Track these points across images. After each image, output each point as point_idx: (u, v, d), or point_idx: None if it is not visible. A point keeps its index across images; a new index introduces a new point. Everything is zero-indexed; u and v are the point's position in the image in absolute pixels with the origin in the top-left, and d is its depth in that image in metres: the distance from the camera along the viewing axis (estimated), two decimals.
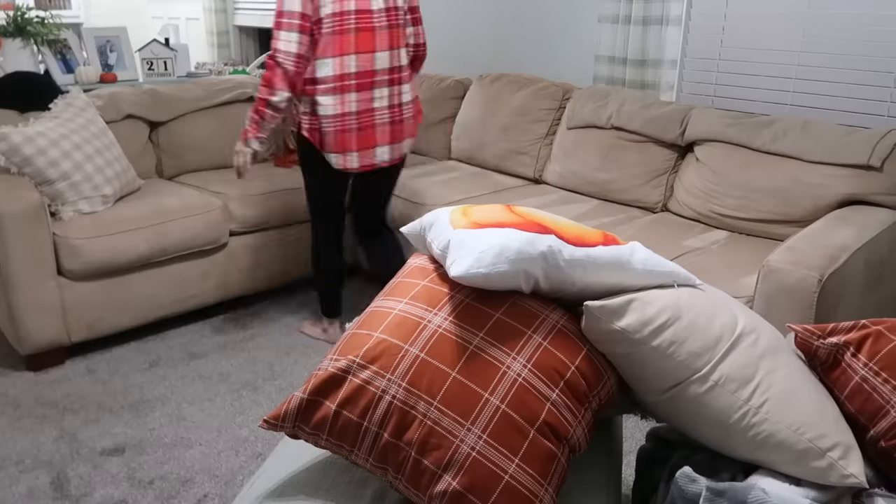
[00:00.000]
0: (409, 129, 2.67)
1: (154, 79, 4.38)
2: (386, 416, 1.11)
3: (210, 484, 2.06)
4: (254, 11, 5.54)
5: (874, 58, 2.65)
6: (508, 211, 1.27)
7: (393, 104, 2.58)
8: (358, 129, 2.49)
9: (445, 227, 1.28)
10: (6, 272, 2.48)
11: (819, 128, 2.55)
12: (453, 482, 1.06)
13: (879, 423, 1.17)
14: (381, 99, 2.54)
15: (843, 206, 2.45)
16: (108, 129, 2.97)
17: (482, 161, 3.56)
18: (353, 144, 2.50)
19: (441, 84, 3.80)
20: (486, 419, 1.08)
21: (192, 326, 3.01)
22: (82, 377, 2.61)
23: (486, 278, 1.13)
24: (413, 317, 1.18)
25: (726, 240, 2.60)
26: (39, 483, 2.05)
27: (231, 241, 3.04)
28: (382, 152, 2.59)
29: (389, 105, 2.57)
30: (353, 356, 1.16)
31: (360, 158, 2.54)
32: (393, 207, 3.18)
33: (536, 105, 3.37)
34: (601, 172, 3.05)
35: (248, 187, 3.15)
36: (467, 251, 1.15)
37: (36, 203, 2.49)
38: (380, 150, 2.58)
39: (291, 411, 1.17)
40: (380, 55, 2.49)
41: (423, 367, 1.12)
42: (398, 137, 2.63)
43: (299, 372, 2.67)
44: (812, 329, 1.32)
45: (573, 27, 3.56)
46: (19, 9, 3.93)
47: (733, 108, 3.08)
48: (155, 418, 2.37)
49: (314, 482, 1.24)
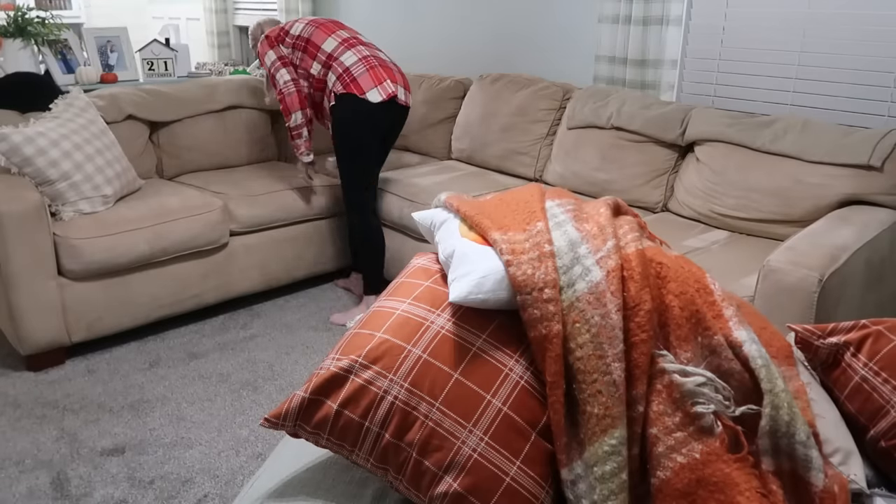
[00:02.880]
0: (409, 87, 3.11)
1: (154, 79, 4.38)
2: (387, 417, 1.11)
3: (210, 484, 2.06)
4: (254, 11, 5.54)
5: (874, 58, 2.65)
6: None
7: (392, 60, 3.09)
8: (379, 65, 2.98)
9: (453, 232, 1.28)
10: (6, 272, 2.48)
11: (819, 128, 2.55)
12: (454, 483, 1.06)
13: (879, 422, 1.18)
14: (382, 53, 3.08)
15: (843, 205, 2.45)
16: (109, 129, 2.97)
17: (482, 161, 3.56)
18: (383, 75, 2.95)
19: (441, 84, 3.80)
20: (488, 421, 1.09)
21: (192, 326, 3.01)
22: (82, 377, 2.61)
23: (484, 304, 1.15)
24: (416, 317, 1.18)
25: (726, 240, 2.60)
26: (39, 483, 2.05)
27: (231, 241, 3.04)
28: (402, 91, 3.01)
29: (391, 60, 3.08)
30: (355, 356, 1.16)
31: (394, 86, 2.97)
32: (393, 207, 3.18)
33: (536, 105, 3.37)
34: (601, 172, 3.05)
35: (248, 187, 3.15)
36: (468, 271, 1.16)
37: (36, 203, 2.49)
38: (399, 88, 3.00)
39: (293, 410, 1.17)
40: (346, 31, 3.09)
41: (426, 367, 1.12)
42: (406, 85, 3.05)
43: (299, 372, 2.67)
44: (812, 329, 1.32)
45: (573, 27, 3.56)
46: (20, 9, 3.93)
47: (733, 108, 3.08)
48: (155, 418, 2.37)
49: (314, 482, 1.24)
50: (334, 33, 3.02)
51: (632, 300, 1.13)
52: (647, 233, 1.40)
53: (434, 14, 4.22)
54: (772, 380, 1.09)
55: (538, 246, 1.18)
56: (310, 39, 3.00)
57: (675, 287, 1.18)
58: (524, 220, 1.26)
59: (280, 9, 5.03)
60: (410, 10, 4.35)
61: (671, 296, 1.17)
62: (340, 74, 2.93)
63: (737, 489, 1.02)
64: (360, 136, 2.97)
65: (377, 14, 4.57)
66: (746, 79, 3.02)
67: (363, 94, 2.89)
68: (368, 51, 3.01)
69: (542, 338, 1.11)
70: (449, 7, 4.12)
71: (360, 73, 2.91)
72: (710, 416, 1.06)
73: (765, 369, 1.10)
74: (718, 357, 1.13)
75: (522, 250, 1.17)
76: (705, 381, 1.09)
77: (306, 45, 3.00)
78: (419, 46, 4.36)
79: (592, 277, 1.14)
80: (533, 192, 1.37)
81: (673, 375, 1.09)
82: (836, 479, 1.08)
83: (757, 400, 1.10)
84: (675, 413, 1.07)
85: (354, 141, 2.98)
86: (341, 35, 3.02)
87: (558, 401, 1.09)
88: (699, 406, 1.07)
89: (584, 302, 1.12)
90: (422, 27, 4.31)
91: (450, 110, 3.76)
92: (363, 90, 2.89)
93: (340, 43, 2.98)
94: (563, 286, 1.14)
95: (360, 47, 3.00)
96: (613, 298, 1.11)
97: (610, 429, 1.06)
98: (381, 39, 4.59)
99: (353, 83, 2.90)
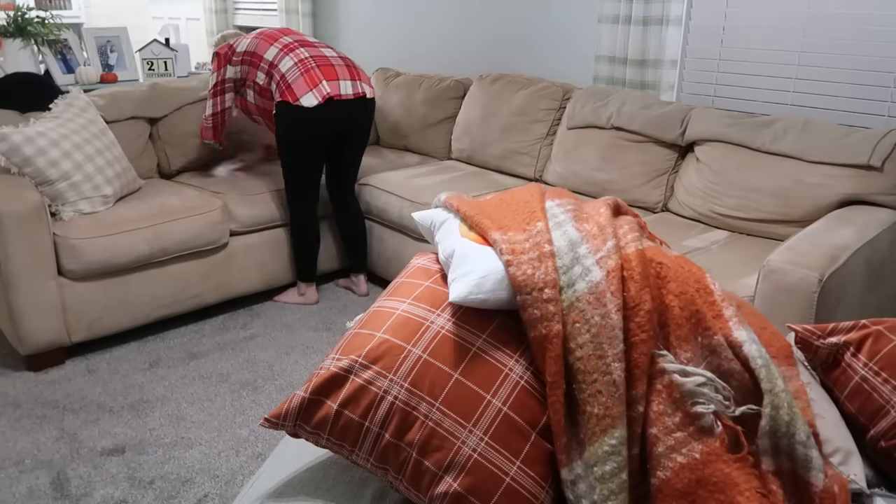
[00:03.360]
0: (364, 76, 3.05)
1: (154, 79, 4.37)
2: (387, 417, 1.11)
3: (210, 484, 2.06)
4: (254, 11, 5.54)
5: (874, 58, 2.65)
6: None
7: (340, 54, 3.06)
8: (318, 66, 2.92)
9: (453, 232, 1.28)
10: (6, 272, 2.48)
11: (819, 128, 2.55)
12: (454, 483, 1.06)
13: (879, 422, 1.18)
14: (328, 49, 3.04)
15: (843, 205, 2.45)
16: (109, 129, 2.97)
17: (482, 161, 3.56)
18: (319, 76, 2.88)
19: (441, 84, 3.80)
20: (488, 421, 1.09)
21: (192, 326, 3.01)
22: (82, 377, 2.61)
23: (484, 304, 1.15)
24: (416, 317, 1.18)
25: (726, 240, 2.60)
26: (39, 483, 2.05)
27: (231, 241, 3.04)
28: (346, 85, 2.93)
29: (338, 55, 3.04)
30: (355, 356, 1.16)
31: (331, 85, 2.89)
32: (393, 207, 3.18)
33: (536, 105, 3.37)
34: (601, 172, 3.05)
35: (248, 187, 3.15)
36: (468, 271, 1.16)
37: (36, 203, 2.49)
38: (342, 83, 2.93)
39: (293, 410, 1.17)
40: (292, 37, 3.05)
41: (426, 367, 1.12)
42: (355, 76, 3.00)
43: (299, 372, 2.67)
44: (812, 329, 1.32)
45: (573, 27, 3.56)
46: (20, 9, 3.93)
47: (733, 108, 3.08)
48: (155, 418, 2.37)
49: (314, 482, 1.24)
50: (277, 41, 2.98)
51: (632, 300, 1.13)
52: (647, 233, 1.40)
53: (434, 14, 4.22)
54: (772, 380, 1.09)
55: (538, 246, 1.18)
56: (255, 52, 2.99)
57: (675, 287, 1.18)
58: (524, 220, 1.26)
59: (280, 9, 5.03)
60: (410, 10, 4.35)
61: (671, 296, 1.17)
62: (278, 82, 2.90)
63: (737, 489, 1.02)
64: (296, 143, 2.94)
65: (377, 14, 4.57)
66: (746, 79, 3.02)
67: (297, 100, 2.83)
68: (308, 52, 2.94)
69: (542, 338, 1.11)
70: (449, 7, 4.12)
71: (293, 78, 2.86)
72: (710, 416, 1.07)
73: (765, 369, 1.10)
74: (718, 357, 1.13)
75: (522, 250, 1.17)
76: (705, 381, 1.09)
77: (252, 58, 3.00)
78: (419, 46, 4.36)
79: (592, 277, 1.14)
80: (533, 192, 1.37)
81: (673, 375, 1.09)
82: (836, 479, 1.08)
83: (757, 400, 1.10)
84: (675, 413, 1.07)
85: (292, 149, 2.96)
86: (283, 41, 2.98)
87: (558, 401, 1.09)
88: (699, 406, 1.07)
89: (584, 302, 1.12)
90: (422, 27, 4.31)
91: (450, 110, 3.76)
92: (297, 96, 2.84)
93: (281, 49, 2.94)
94: (563, 286, 1.14)
95: (300, 50, 2.94)
96: (613, 298, 1.11)
97: (610, 429, 1.06)
98: (381, 39, 4.59)
99: (288, 90, 2.85)
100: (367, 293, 3.33)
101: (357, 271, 3.33)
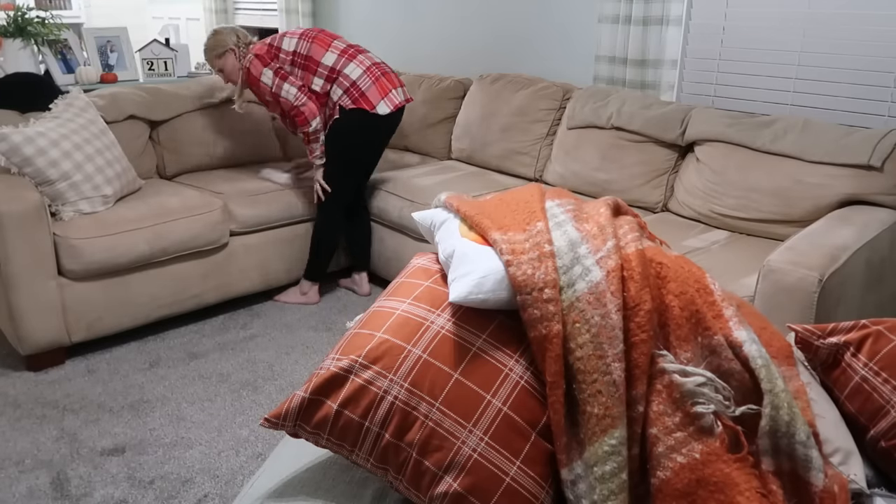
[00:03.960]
0: (403, 83, 3.16)
1: (154, 79, 4.37)
2: (387, 417, 1.11)
3: (210, 484, 2.06)
4: (254, 11, 5.54)
5: (874, 58, 2.65)
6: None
7: (383, 61, 3.14)
8: (382, 74, 3.02)
9: (453, 232, 1.28)
10: (6, 272, 2.48)
11: (819, 128, 2.56)
12: (454, 483, 1.06)
13: (879, 422, 1.18)
14: (373, 55, 3.10)
15: (843, 205, 2.45)
16: (109, 129, 2.97)
17: (482, 161, 3.56)
18: (387, 85, 3.01)
19: (441, 84, 3.80)
20: (488, 421, 1.09)
21: (192, 326, 3.01)
22: (82, 377, 2.61)
23: (484, 304, 1.15)
24: (416, 317, 1.18)
25: (726, 240, 2.60)
26: (39, 483, 2.05)
27: (231, 241, 3.04)
28: (399, 93, 3.06)
29: (382, 61, 3.12)
30: (355, 356, 1.16)
31: (398, 94, 3.03)
32: (393, 207, 3.18)
33: (536, 105, 3.37)
34: (601, 172, 3.05)
35: (248, 187, 3.15)
36: (468, 271, 1.16)
37: (36, 203, 2.49)
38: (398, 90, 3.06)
39: (293, 410, 1.17)
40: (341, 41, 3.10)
41: (426, 368, 1.12)
42: (401, 83, 3.11)
43: (299, 372, 2.67)
44: (812, 329, 1.32)
45: (573, 27, 3.56)
46: (20, 9, 3.93)
47: (733, 108, 3.08)
48: (155, 418, 2.37)
49: (314, 482, 1.24)
50: (331, 46, 3.00)
51: (632, 300, 1.13)
52: (647, 233, 1.40)
53: (434, 14, 4.22)
54: (772, 380, 1.09)
55: (538, 246, 1.18)
56: (308, 56, 2.98)
57: (675, 287, 1.18)
58: (524, 220, 1.26)
59: (280, 9, 5.03)
60: (410, 10, 4.35)
61: (671, 296, 1.17)
62: (348, 88, 2.95)
63: (737, 489, 1.02)
64: (361, 148, 3.04)
65: (377, 14, 4.57)
66: (746, 79, 3.02)
67: (373, 108, 2.94)
68: (369, 60, 3.02)
69: (542, 338, 1.11)
70: (449, 7, 4.12)
71: (367, 86, 2.95)
72: (710, 416, 1.07)
73: (765, 369, 1.10)
74: (718, 357, 1.13)
75: (522, 250, 1.17)
76: (705, 381, 1.09)
77: (305, 61, 2.99)
78: (419, 46, 4.36)
79: (592, 277, 1.14)
80: (533, 192, 1.37)
81: (673, 375, 1.09)
82: (836, 479, 1.08)
83: (757, 400, 1.10)
84: (675, 413, 1.07)
85: (354, 153, 3.04)
86: (338, 46, 3.01)
87: (558, 401, 1.09)
88: (699, 406, 1.07)
89: (584, 302, 1.12)
90: (422, 27, 4.31)
91: (450, 110, 3.76)
92: (373, 104, 2.94)
93: (340, 55, 2.98)
94: (563, 286, 1.14)
95: (361, 57, 3.00)
96: (613, 298, 1.11)
97: (610, 429, 1.06)
98: (381, 39, 4.59)
99: (363, 98, 2.93)
100: (368, 293, 3.34)
101: (360, 269, 3.34)
